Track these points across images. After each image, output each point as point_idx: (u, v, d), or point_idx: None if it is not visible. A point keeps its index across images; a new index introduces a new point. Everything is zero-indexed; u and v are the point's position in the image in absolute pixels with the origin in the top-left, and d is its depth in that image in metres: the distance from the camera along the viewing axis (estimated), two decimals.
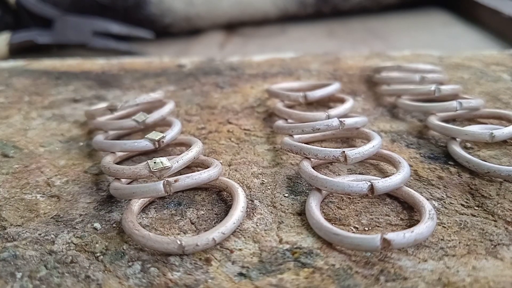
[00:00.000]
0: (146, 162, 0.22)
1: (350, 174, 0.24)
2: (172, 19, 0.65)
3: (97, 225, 0.21)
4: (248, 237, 0.20)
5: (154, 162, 0.22)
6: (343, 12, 0.74)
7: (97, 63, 0.45)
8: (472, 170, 0.24)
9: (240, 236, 0.20)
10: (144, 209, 0.22)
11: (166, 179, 0.21)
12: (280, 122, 0.28)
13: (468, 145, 0.27)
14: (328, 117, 0.27)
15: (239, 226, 0.20)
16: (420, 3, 0.76)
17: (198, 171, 0.22)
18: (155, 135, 0.25)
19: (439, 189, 0.23)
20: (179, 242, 0.18)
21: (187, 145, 0.25)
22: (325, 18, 0.74)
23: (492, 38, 0.59)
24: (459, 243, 0.19)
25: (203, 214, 0.22)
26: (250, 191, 0.23)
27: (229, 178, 0.24)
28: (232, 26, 0.71)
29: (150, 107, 0.30)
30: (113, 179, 0.23)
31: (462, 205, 0.22)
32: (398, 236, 0.18)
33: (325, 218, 0.20)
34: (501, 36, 0.58)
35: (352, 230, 0.20)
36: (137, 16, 0.64)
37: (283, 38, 0.67)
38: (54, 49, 0.58)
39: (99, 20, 0.59)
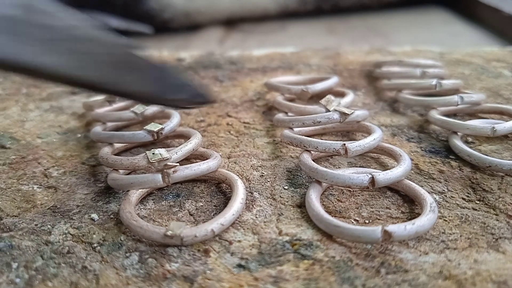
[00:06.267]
0: (144, 153, 0.22)
1: (351, 167, 0.24)
2: (171, 14, 0.65)
3: (94, 216, 0.21)
4: (248, 228, 0.20)
5: (153, 153, 0.21)
6: (343, 9, 0.74)
7: None
8: (473, 164, 0.24)
9: (239, 227, 0.20)
10: (142, 200, 0.22)
11: (165, 170, 0.20)
12: (280, 115, 0.28)
13: (469, 139, 0.27)
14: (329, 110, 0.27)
15: (238, 218, 0.20)
16: (420, 1, 0.76)
17: (197, 162, 0.22)
18: (153, 126, 0.25)
19: (440, 183, 0.23)
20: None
21: (186, 137, 0.25)
22: (325, 15, 0.73)
23: (492, 36, 0.58)
24: (461, 236, 0.19)
25: (202, 205, 0.22)
26: (250, 184, 0.23)
27: (228, 171, 0.23)
28: (232, 22, 0.71)
29: None
30: (111, 170, 0.23)
31: (463, 199, 0.22)
32: (399, 228, 0.18)
33: (325, 211, 0.20)
34: (501, 34, 0.58)
35: (352, 222, 0.20)
36: (136, 11, 0.63)
37: (283, 35, 0.66)
38: None
39: (98, 14, 0.59)
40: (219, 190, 0.23)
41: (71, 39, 0.16)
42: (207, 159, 0.23)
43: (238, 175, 0.23)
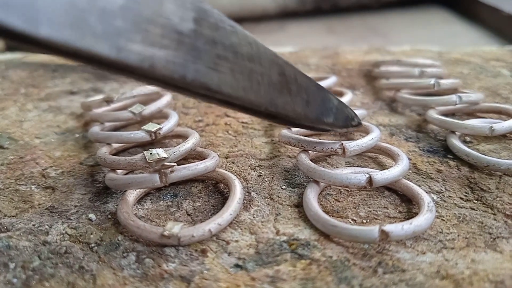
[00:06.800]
0: (142, 153, 0.21)
1: (348, 167, 0.24)
2: None
3: (92, 216, 0.21)
4: (245, 228, 0.20)
5: (150, 153, 0.21)
6: (342, 9, 0.74)
7: None
8: (472, 163, 0.24)
9: (236, 227, 0.20)
10: (140, 200, 0.22)
11: (162, 170, 0.20)
12: None
13: (468, 139, 0.27)
14: None
15: (235, 218, 0.20)
16: (419, 1, 0.76)
17: (195, 162, 0.22)
18: (151, 126, 0.25)
19: (438, 182, 0.23)
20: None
21: (184, 137, 0.25)
22: (324, 15, 0.73)
23: (491, 35, 0.58)
24: (458, 236, 0.19)
25: (199, 205, 0.22)
26: (247, 183, 0.23)
27: (226, 170, 0.23)
28: None
29: (147, 99, 0.30)
30: (108, 170, 0.23)
31: (461, 198, 0.22)
32: (397, 228, 0.18)
33: (322, 210, 0.20)
34: (501, 33, 0.58)
35: (350, 222, 0.20)
36: None
37: (282, 34, 0.66)
38: None
39: None
40: (217, 190, 0.23)
41: (237, 57, 0.16)
42: (205, 159, 0.23)
43: (236, 175, 0.23)
